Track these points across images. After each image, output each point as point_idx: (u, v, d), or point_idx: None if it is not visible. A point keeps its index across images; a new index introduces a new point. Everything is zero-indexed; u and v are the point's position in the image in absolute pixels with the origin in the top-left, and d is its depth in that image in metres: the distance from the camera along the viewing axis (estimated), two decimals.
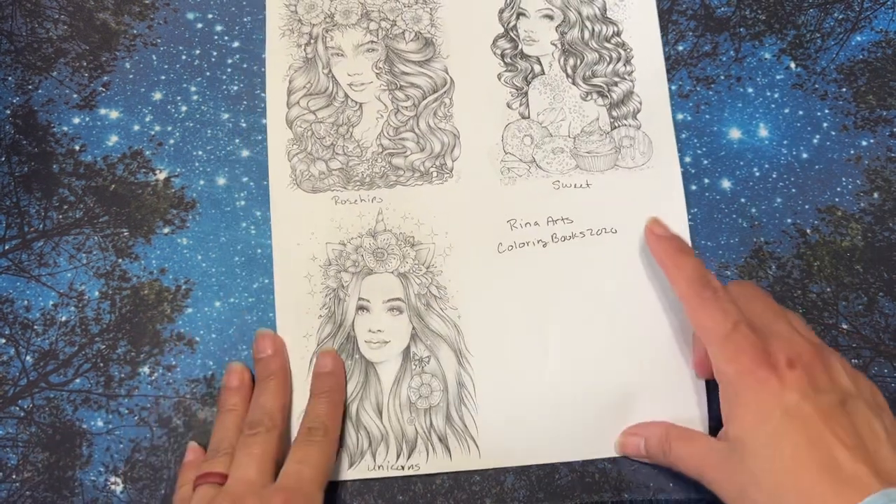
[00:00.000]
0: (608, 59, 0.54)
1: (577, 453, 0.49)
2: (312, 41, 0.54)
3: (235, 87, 0.55)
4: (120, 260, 0.52)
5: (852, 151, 0.53)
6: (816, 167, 0.53)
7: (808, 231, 0.52)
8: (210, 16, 0.56)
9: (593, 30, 0.54)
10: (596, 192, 0.52)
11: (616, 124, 0.53)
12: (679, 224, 0.51)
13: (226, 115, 0.54)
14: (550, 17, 0.55)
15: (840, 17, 0.56)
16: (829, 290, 0.51)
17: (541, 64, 0.54)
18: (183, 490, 0.46)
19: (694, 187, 0.53)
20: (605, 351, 0.50)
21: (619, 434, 0.48)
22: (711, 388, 0.48)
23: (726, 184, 0.53)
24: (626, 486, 0.48)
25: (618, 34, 0.54)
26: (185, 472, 0.47)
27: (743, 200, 0.52)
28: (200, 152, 0.54)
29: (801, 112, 0.54)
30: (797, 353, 0.41)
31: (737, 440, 0.41)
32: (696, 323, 0.45)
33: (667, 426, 0.47)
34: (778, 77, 0.54)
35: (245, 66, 0.55)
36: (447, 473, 0.49)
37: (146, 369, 0.50)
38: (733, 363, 0.42)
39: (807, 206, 0.52)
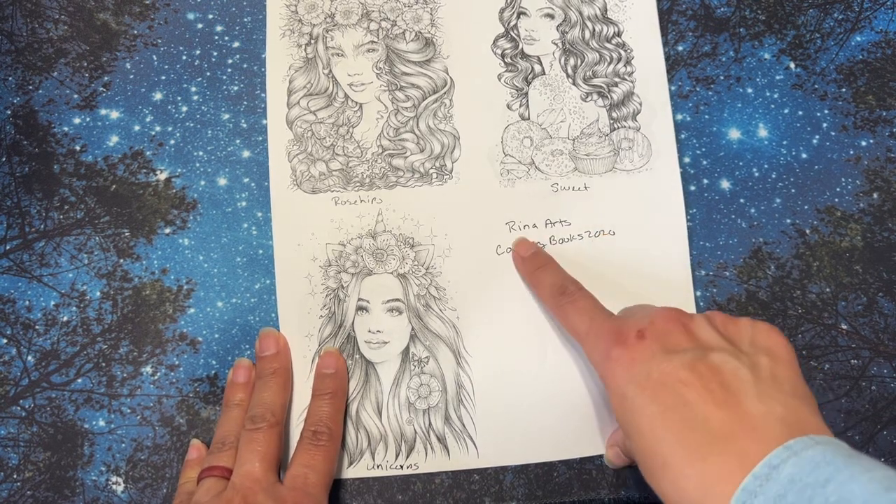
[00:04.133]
0: (609, 59, 0.54)
1: (574, 451, 0.49)
2: (313, 41, 0.54)
3: (236, 88, 0.55)
4: (121, 260, 0.52)
5: (852, 152, 0.53)
6: (816, 167, 0.53)
7: (808, 231, 0.52)
8: (210, 16, 0.56)
9: (594, 30, 0.54)
10: (594, 195, 0.52)
11: (616, 126, 0.53)
12: (677, 226, 0.51)
13: (226, 116, 0.54)
14: (551, 16, 0.55)
15: (840, 17, 0.55)
16: (828, 290, 0.51)
17: (541, 64, 0.54)
18: (186, 486, 0.46)
19: (693, 188, 0.53)
20: None
21: (605, 453, 0.49)
22: None
23: (725, 184, 0.53)
24: (623, 483, 0.49)
25: (618, 34, 0.54)
26: (189, 469, 0.47)
27: (742, 201, 0.52)
28: (201, 153, 0.54)
29: (800, 112, 0.54)
30: (649, 322, 0.40)
31: (623, 431, 0.40)
32: (565, 328, 0.47)
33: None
34: (777, 77, 0.54)
35: (245, 66, 0.55)
36: (446, 473, 0.49)
37: (149, 369, 0.51)
38: (594, 353, 0.42)
39: (806, 207, 0.52)
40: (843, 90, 0.54)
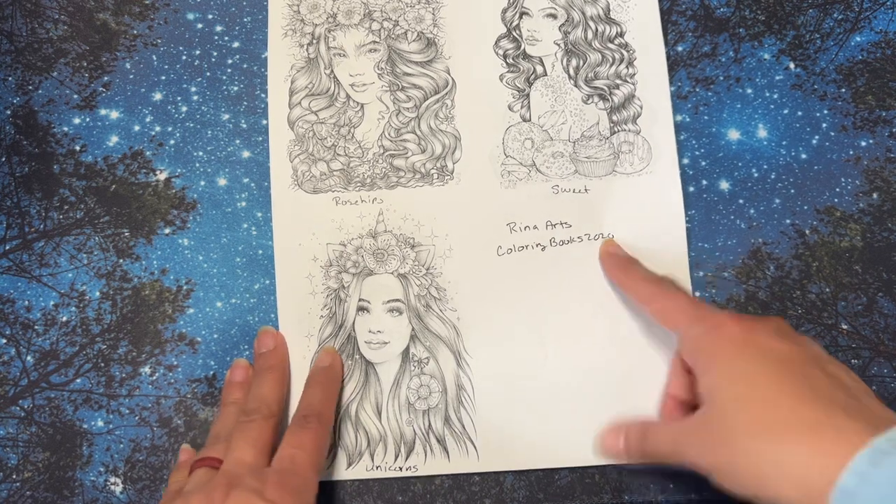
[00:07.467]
0: (611, 60, 0.54)
1: (575, 458, 0.49)
2: (314, 41, 0.54)
3: (236, 88, 0.55)
4: (121, 260, 0.52)
5: (851, 152, 0.53)
6: (815, 168, 0.53)
7: (807, 232, 0.52)
8: (210, 16, 0.56)
9: (597, 30, 0.54)
10: (594, 198, 0.52)
11: (616, 129, 0.53)
12: (676, 228, 0.51)
13: (226, 116, 0.54)
14: (554, 17, 0.55)
15: (839, 17, 0.56)
16: (828, 290, 0.51)
17: (543, 65, 0.54)
18: (174, 486, 0.45)
19: (692, 188, 0.53)
20: (603, 355, 0.50)
21: (598, 433, 0.48)
22: None
23: (725, 185, 0.53)
24: (627, 488, 0.49)
25: (621, 35, 0.54)
26: (178, 472, 0.46)
27: (741, 201, 0.52)
28: (201, 153, 0.54)
29: (800, 113, 0.54)
30: (756, 318, 0.43)
31: (709, 394, 0.40)
32: (660, 312, 0.46)
33: (644, 419, 0.47)
34: (777, 78, 0.54)
35: (245, 66, 0.55)
36: (446, 474, 0.49)
37: (147, 369, 0.51)
38: (699, 324, 0.43)
39: (805, 207, 0.52)
40: (843, 90, 0.54)
